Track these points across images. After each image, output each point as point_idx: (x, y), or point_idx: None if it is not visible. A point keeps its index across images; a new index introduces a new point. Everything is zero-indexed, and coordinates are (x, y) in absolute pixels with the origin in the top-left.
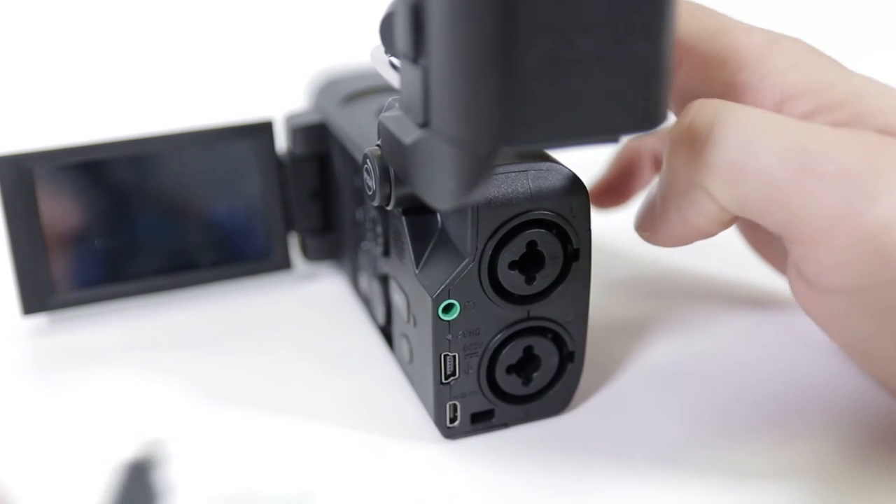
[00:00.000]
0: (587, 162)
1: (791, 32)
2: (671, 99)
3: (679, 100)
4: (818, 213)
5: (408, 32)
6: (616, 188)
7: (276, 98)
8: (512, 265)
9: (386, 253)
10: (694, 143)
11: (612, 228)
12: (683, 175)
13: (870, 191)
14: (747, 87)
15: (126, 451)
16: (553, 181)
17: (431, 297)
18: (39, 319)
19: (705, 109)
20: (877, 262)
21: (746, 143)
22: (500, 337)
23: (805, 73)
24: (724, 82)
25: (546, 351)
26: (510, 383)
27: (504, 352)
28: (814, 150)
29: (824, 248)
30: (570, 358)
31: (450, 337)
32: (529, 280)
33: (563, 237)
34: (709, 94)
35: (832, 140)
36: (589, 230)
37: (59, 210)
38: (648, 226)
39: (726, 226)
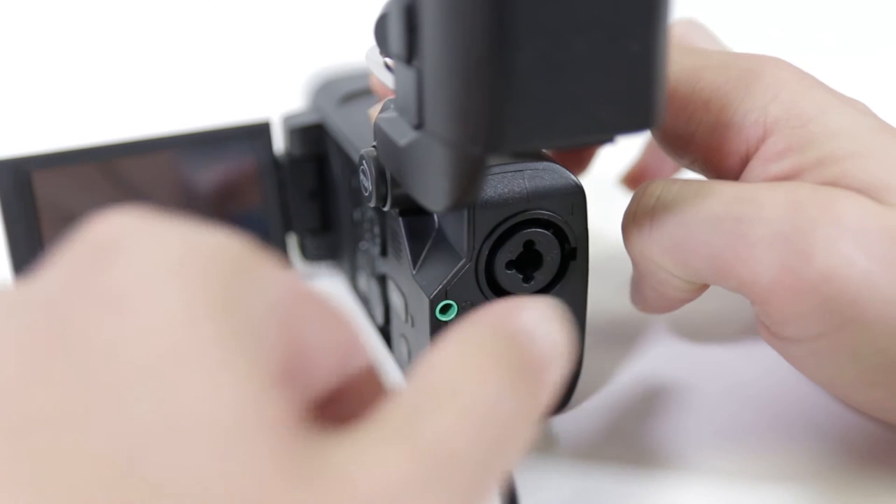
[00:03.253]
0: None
1: (792, 33)
2: (662, 140)
3: (668, 142)
4: (760, 277)
5: (401, 34)
6: (647, 173)
7: (274, 99)
8: (509, 265)
9: (383, 253)
10: (642, 231)
11: (610, 227)
12: (643, 260)
13: (802, 249)
14: (730, 127)
15: None
16: (550, 180)
17: (428, 297)
18: None
19: (647, 195)
20: (823, 312)
21: (685, 224)
22: None
23: (785, 105)
24: (708, 123)
25: None
26: None
27: None
28: (746, 216)
29: (774, 306)
30: None
31: None
32: (527, 280)
33: (560, 236)
34: (694, 136)
35: (764, 202)
36: (586, 229)
37: (58, 213)
38: (639, 301)
39: (703, 290)
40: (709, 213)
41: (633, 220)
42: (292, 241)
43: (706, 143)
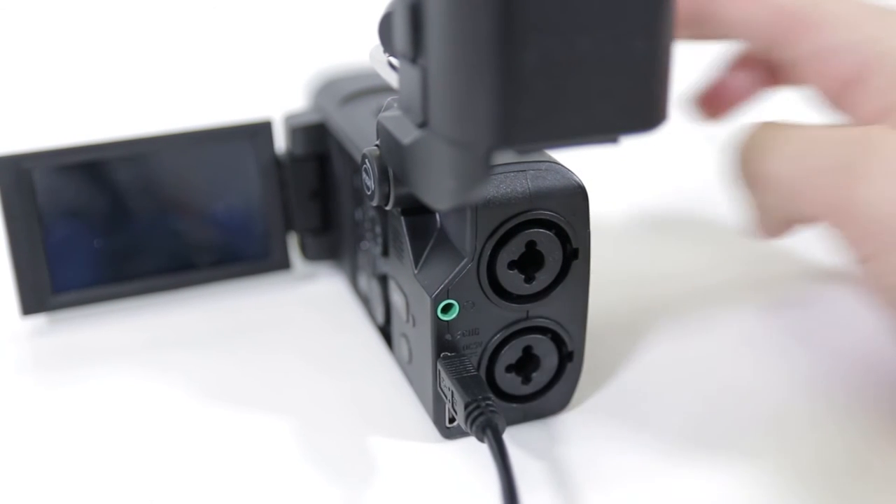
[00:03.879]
0: (587, 162)
1: None
2: (770, 60)
3: (774, 64)
4: (819, 202)
5: (406, 32)
6: (725, 93)
7: (275, 98)
8: (511, 265)
9: (385, 253)
10: (740, 166)
11: (611, 227)
12: (746, 192)
13: (847, 181)
14: (835, 52)
15: (124, 453)
16: (552, 180)
17: (430, 296)
18: (39, 320)
19: (749, 137)
20: (864, 238)
21: (766, 159)
22: (499, 337)
23: (892, 43)
24: (816, 44)
25: (545, 350)
26: (509, 383)
27: (503, 351)
28: (813, 152)
29: (834, 231)
30: (569, 357)
31: (449, 337)
32: (529, 280)
33: (562, 237)
34: (797, 59)
35: (823, 139)
36: (588, 229)
37: (59, 210)
38: (754, 229)
39: (791, 224)
40: (785, 148)
41: (737, 157)
42: (293, 241)
43: (807, 66)
